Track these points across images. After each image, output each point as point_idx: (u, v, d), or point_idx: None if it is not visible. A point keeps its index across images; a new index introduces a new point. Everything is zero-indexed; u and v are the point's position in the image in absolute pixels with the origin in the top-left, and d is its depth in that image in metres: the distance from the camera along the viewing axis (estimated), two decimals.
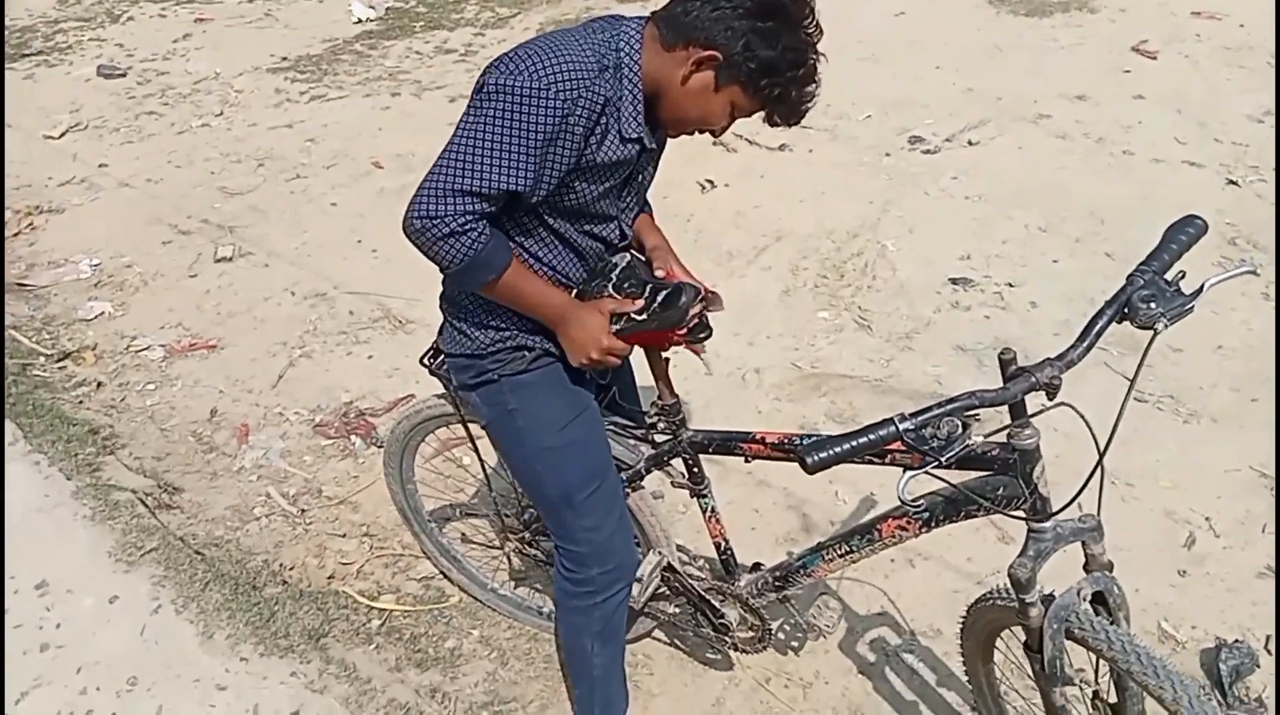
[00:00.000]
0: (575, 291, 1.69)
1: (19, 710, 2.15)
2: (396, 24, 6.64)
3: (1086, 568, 1.55)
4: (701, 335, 1.72)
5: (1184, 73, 5.17)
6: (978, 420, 1.33)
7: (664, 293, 1.65)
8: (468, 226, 1.44)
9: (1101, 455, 1.36)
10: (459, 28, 6.54)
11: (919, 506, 1.61)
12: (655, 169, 1.71)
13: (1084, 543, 1.53)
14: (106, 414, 3.27)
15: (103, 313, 3.84)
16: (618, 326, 1.65)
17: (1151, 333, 1.33)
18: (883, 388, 3.18)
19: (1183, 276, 1.40)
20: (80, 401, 3.32)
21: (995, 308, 3.53)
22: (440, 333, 1.80)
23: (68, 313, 3.84)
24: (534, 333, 1.68)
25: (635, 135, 1.51)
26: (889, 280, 3.73)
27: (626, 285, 1.68)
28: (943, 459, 1.28)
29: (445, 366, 1.84)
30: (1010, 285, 3.64)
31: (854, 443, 1.29)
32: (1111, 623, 1.52)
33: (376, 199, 4.53)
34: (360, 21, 6.69)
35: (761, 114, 1.53)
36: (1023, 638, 1.60)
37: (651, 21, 1.51)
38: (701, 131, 1.59)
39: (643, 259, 1.77)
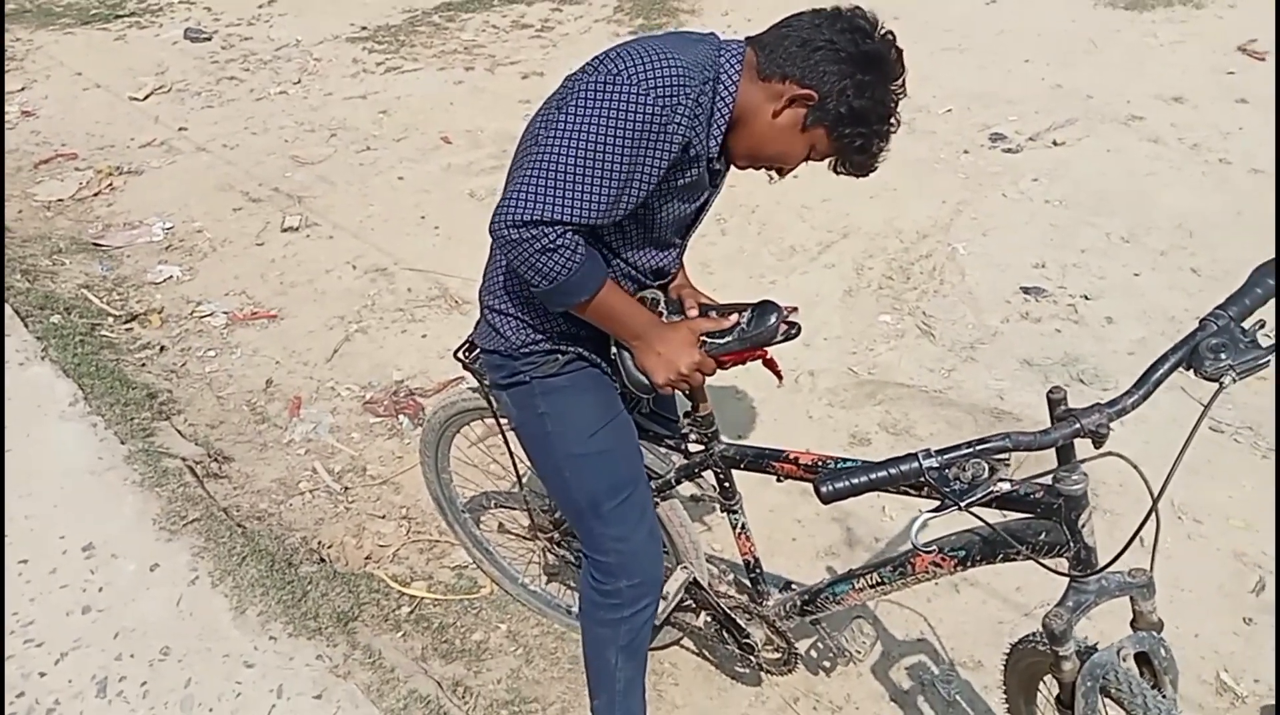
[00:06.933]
0: None
1: (58, 670, 2.20)
2: None
3: (1133, 625, 1.46)
4: (787, 333, 1.66)
5: None
6: (1006, 465, 1.25)
7: (753, 311, 1.63)
8: (561, 242, 1.38)
9: (1154, 505, 1.28)
10: (537, 1, 6.50)
11: (931, 549, 1.57)
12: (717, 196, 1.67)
13: (1132, 598, 1.44)
14: (166, 378, 3.34)
15: (171, 276, 3.92)
16: (704, 346, 1.62)
17: (1217, 386, 1.23)
18: (941, 400, 3.06)
19: (1261, 326, 1.29)
20: (143, 364, 3.39)
21: (1067, 321, 3.38)
22: (476, 327, 1.77)
23: (138, 274, 3.93)
24: (567, 339, 1.64)
25: (714, 153, 1.49)
26: (957, 285, 3.59)
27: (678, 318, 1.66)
28: (961, 504, 1.22)
29: (479, 361, 1.81)
30: (1085, 298, 3.48)
31: (874, 476, 1.25)
32: (1155, 687, 1.43)
33: (442, 175, 4.53)
34: None
35: (832, 160, 1.54)
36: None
37: (751, 47, 1.49)
38: (769, 168, 1.56)
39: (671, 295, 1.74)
